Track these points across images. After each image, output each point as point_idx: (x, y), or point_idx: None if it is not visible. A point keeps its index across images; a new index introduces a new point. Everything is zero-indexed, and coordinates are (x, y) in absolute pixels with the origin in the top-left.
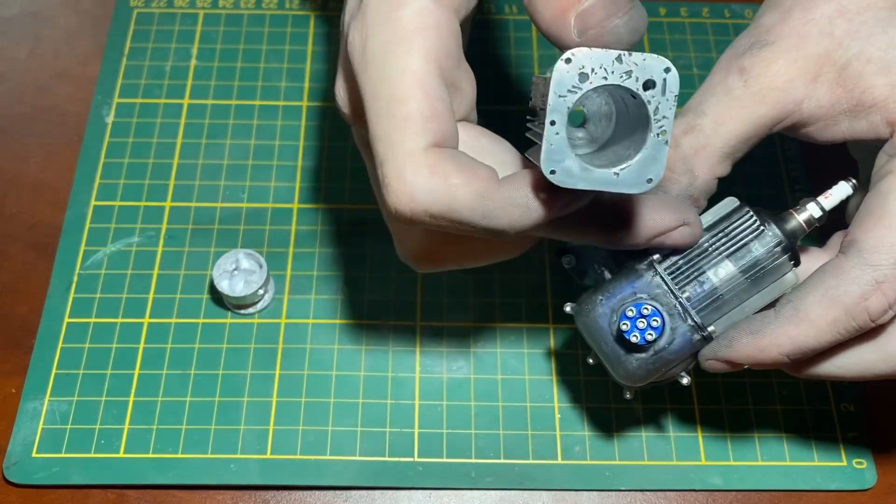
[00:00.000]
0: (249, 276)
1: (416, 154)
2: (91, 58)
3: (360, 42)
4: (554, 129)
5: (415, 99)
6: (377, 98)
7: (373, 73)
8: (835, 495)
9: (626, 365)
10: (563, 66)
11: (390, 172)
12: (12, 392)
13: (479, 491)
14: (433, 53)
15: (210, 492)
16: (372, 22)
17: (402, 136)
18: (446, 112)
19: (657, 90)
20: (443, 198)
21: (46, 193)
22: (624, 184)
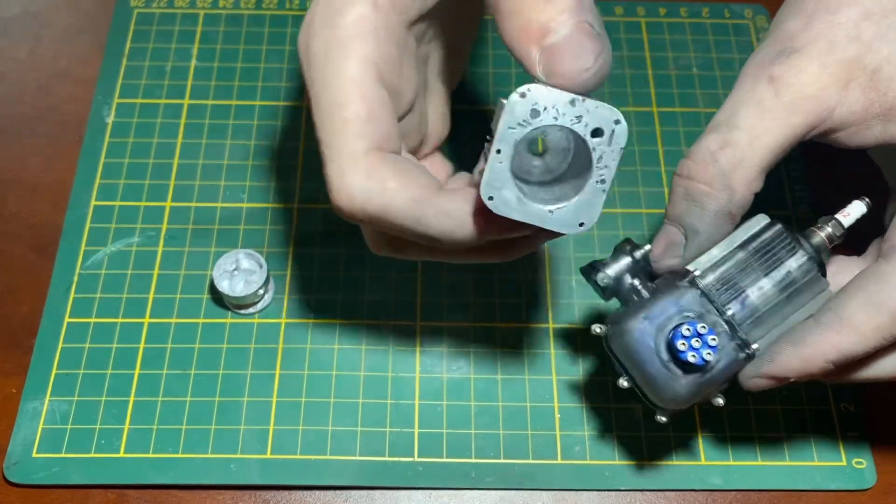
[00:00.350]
0: (249, 276)
1: (356, 157)
2: (91, 58)
3: (304, 46)
4: (498, 158)
5: (353, 102)
6: (319, 101)
7: (314, 76)
8: (834, 495)
9: (676, 387)
10: (517, 99)
11: (332, 172)
12: (12, 392)
13: (479, 491)
14: (371, 58)
15: (210, 492)
16: (315, 27)
17: (342, 140)
18: (385, 115)
19: (604, 139)
20: (378, 200)
21: (47, 193)
22: (556, 223)
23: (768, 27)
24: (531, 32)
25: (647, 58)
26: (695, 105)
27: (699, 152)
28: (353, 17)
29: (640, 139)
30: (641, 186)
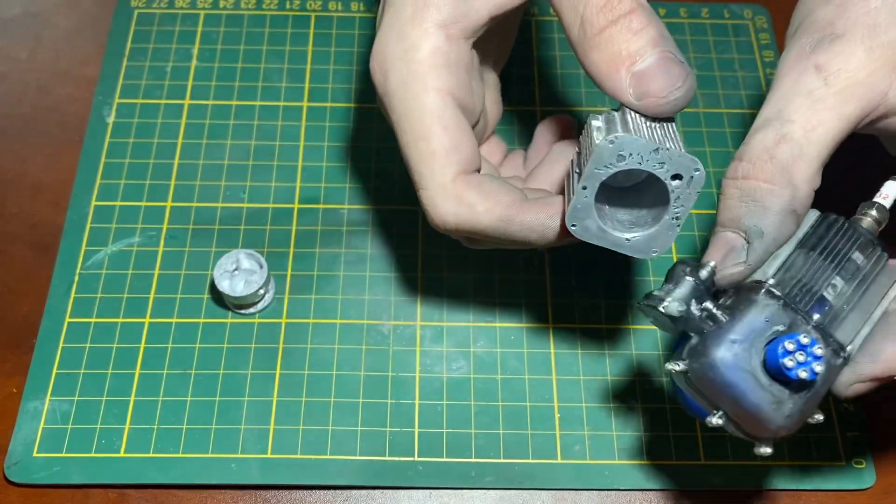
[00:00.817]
0: (250, 276)
1: (445, 185)
2: (92, 58)
3: (382, 76)
4: (584, 193)
5: (436, 135)
6: (404, 132)
7: (396, 107)
8: (834, 495)
9: (785, 411)
10: (605, 145)
11: (425, 199)
12: (13, 392)
13: (479, 490)
14: (446, 88)
15: (211, 491)
16: (390, 59)
17: (430, 169)
18: (466, 139)
19: (683, 182)
20: (469, 221)
21: (47, 193)
22: (632, 249)
23: (768, 27)
24: (621, 61)
25: None
26: (695, 105)
27: (753, 150)
28: (427, 50)
29: None
30: None
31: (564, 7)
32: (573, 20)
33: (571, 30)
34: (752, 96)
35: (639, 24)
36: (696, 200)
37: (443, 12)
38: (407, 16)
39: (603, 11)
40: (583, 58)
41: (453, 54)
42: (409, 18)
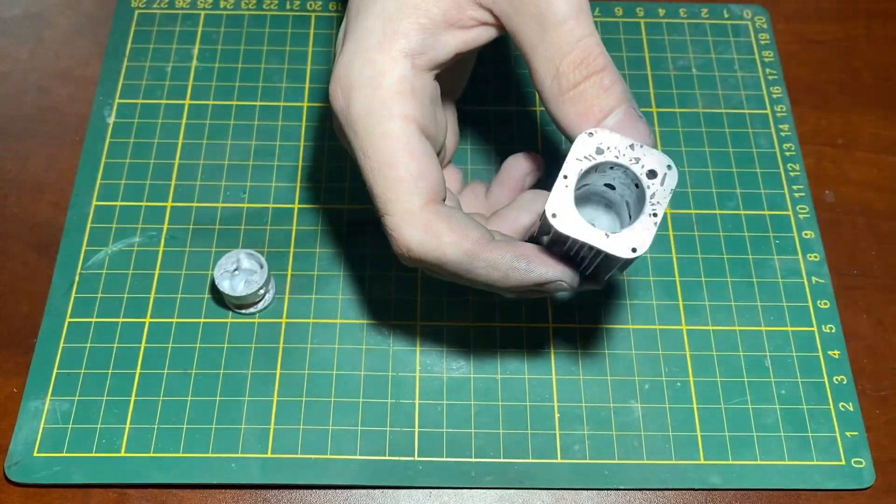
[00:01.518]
0: (250, 275)
1: (412, 213)
2: (92, 58)
3: (344, 101)
4: (564, 182)
5: (402, 162)
6: (367, 157)
7: (359, 132)
8: (833, 494)
9: None
10: (585, 138)
11: (390, 225)
12: (14, 391)
13: (478, 490)
14: (412, 116)
15: (211, 491)
16: (356, 84)
17: (396, 196)
18: (432, 168)
19: (657, 180)
20: (433, 252)
21: (48, 193)
22: (611, 245)
23: (767, 27)
24: (590, 116)
25: (646, 58)
26: (694, 105)
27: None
28: (394, 77)
29: None
30: None
31: (539, 59)
32: (547, 72)
33: (545, 81)
34: (752, 96)
35: (609, 81)
36: (671, 199)
37: (411, 42)
38: (374, 42)
39: (579, 67)
40: (555, 109)
41: (418, 83)
42: (376, 44)
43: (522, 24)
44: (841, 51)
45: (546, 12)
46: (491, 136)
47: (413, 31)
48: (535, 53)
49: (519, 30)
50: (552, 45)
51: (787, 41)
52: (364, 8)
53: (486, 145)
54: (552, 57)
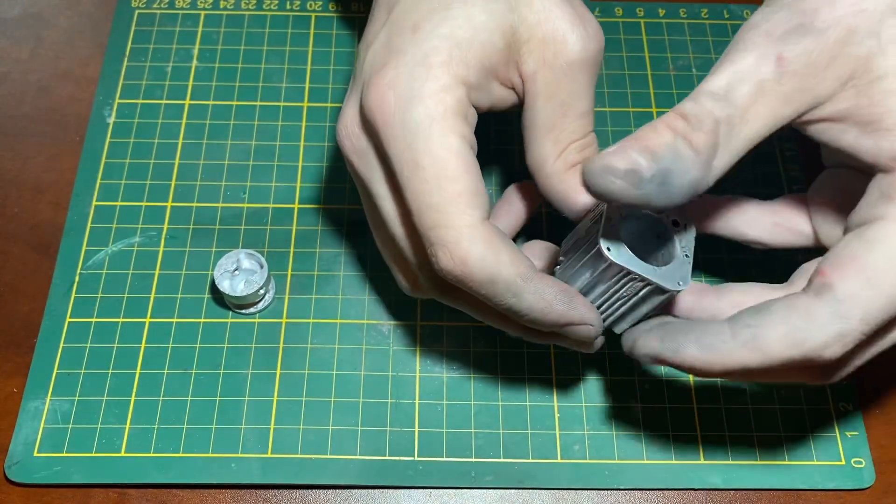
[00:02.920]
0: (250, 275)
1: (474, 226)
2: (92, 58)
3: (397, 108)
4: (611, 223)
5: (464, 178)
6: (422, 168)
7: (413, 142)
8: (833, 494)
9: None
10: None
11: (448, 238)
12: (14, 391)
13: (478, 490)
14: (467, 138)
15: (211, 491)
16: (416, 94)
17: (458, 209)
18: (484, 188)
19: (681, 227)
20: (490, 268)
21: (48, 193)
22: (661, 278)
23: None
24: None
25: (646, 58)
26: None
27: (697, 112)
28: (455, 98)
29: None
30: None
31: (551, 139)
32: (555, 150)
33: (548, 158)
34: None
35: None
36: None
37: (472, 75)
38: (440, 60)
39: (583, 150)
40: (558, 181)
41: (470, 113)
42: (442, 63)
43: (548, 107)
44: None
45: (575, 104)
46: (493, 166)
47: (476, 66)
48: (551, 132)
49: (542, 108)
50: (568, 129)
51: None
52: (427, 26)
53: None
54: (565, 139)
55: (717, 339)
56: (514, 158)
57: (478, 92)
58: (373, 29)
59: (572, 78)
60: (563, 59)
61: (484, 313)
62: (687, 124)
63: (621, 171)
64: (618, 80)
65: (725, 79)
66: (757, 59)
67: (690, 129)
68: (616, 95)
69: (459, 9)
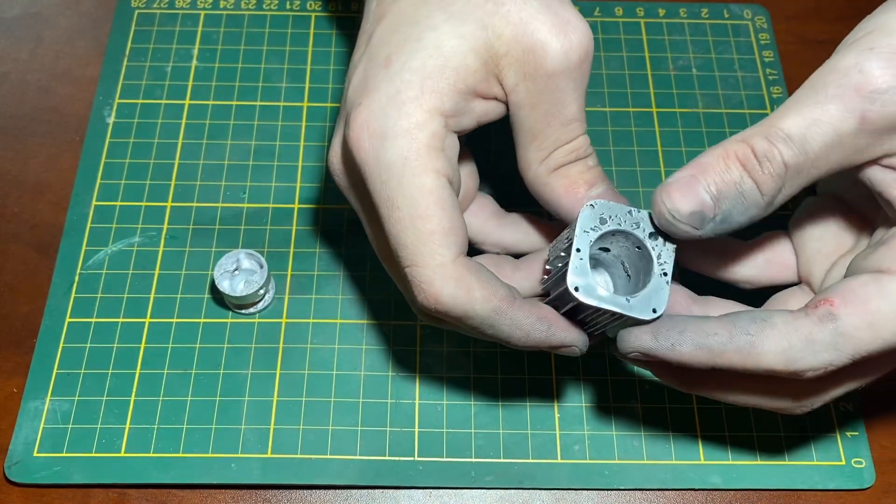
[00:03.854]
0: (250, 276)
1: (445, 266)
2: (92, 58)
3: (372, 148)
4: (578, 255)
5: (436, 216)
6: (396, 207)
7: (390, 181)
8: (833, 494)
9: None
10: (588, 210)
11: (420, 277)
12: (14, 391)
13: (479, 490)
14: (444, 171)
15: (211, 491)
16: (389, 133)
17: (429, 249)
18: (460, 222)
19: (659, 241)
20: (463, 306)
21: (48, 193)
22: (633, 309)
23: (767, 27)
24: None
25: (646, 58)
26: (694, 105)
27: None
28: (430, 131)
29: (640, 139)
30: (641, 187)
31: (536, 146)
32: (539, 156)
33: (533, 163)
34: (752, 96)
35: (592, 162)
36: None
37: (447, 103)
38: (411, 95)
39: (569, 154)
40: (542, 186)
41: (449, 142)
42: (413, 99)
43: (532, 115)
44: None
45: (559, 112)
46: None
47: (449, 94)
48: (535, 140)
49: (525, 117)
50: (552, 136)
51: (788, 41)
52: (398, 60)
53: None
54: (549, 146)
55: (714, 339)
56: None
57: (457, 118)
58: (355, 57)
59: (554, 88)
60: (544, 70)
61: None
62: (757, 163)
63: (686, 213)
64: (618, 80)
65: (804, 124)
66: (841, 113)
67: (760, 170)
68: (616, 95)
69: (429, 38)
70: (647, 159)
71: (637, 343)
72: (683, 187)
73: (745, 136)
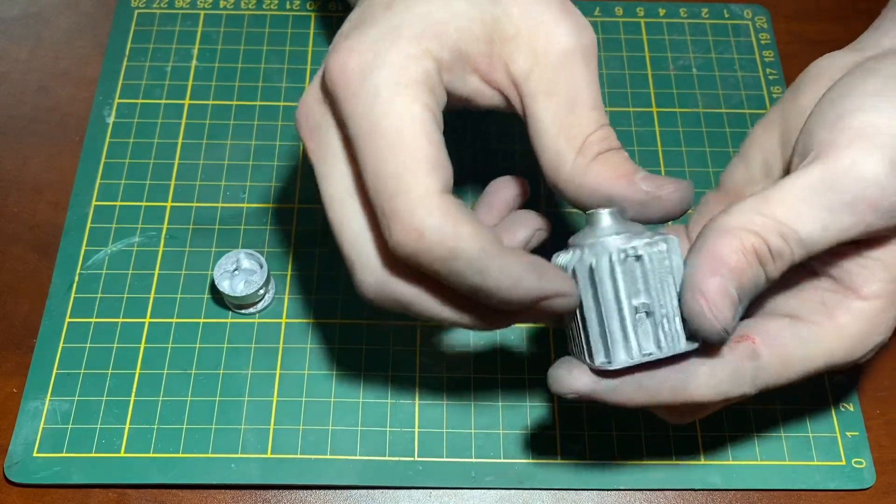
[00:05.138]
0: (250, 275)
1: (431, 196)
2: (92, 58)
3: (360, 70)
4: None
5: (424, 148)
6: (380, 134)
7: (373, 107)
8: (834, 495)
9: None
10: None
11: (402, 206)
12: (13, 392)
13: (479, 490)
14: (433, 111)
15: (211, 491)
16: (381, 62)
17: (414, 177)
18: (448, 163)
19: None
20: (449, 242)
21: (47, 193)
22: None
23: (768, 27)
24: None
25: (646, 58)
26: (694, 105)
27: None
28: (422, 70)
29: (640, 139)
30: None
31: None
32: (571, 146)
33: (567, 154)
34: (752, 96)
35: (625, 154)
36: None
37: (445, 52)
38: (411, 34)
39: (602, 142)
40: (582, 176)
41: (438, 91)
42: (412, 37)
43: (550, 106)
44: None
45: (579, 98)
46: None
47: (449, 47)
48: (562, 130)
49: (544, 109)
50: (579, 124)
51: (788, 41)
52: (402, 4)
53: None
54: (578, 134)
55: (651, 381)
56: (515, 159)
57: (450, 74)
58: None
59: (570, 70)
60: (556, 50)
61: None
62: (771, 259)
63: (730, 319)
64: (618, 79)
65: (816, 229)
66: (853, 224)
67: (773, 265)
68: (616, 95)
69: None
70: (648, 159)
71: (577, 385)
72: (722, 296)
73: (759, 228)
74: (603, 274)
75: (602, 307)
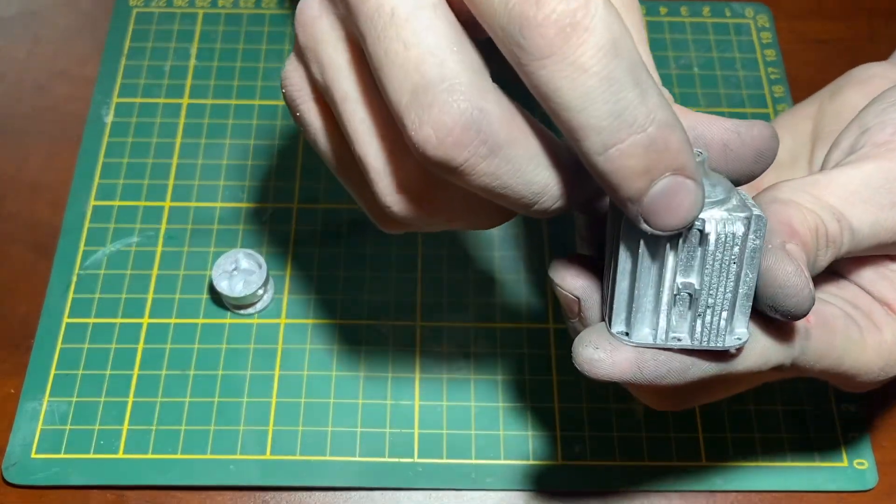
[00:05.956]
0: (249, 276)
1: (480, 70)
2: (90, 57)
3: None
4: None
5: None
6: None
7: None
8: (836, 496)
9: None
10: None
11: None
12: (11, 392)
13: (479, 492)
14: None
15: (210, 492)
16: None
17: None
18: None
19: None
20: (507, 114)
21: (45, 193)
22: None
23: (769, 26)
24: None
25: None
26: (696, 104)
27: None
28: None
29: None
30: None
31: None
32: None
33: None
34: (754, 95)
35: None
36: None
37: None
38: None
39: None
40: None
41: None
42: None
43: None
44: (843, 50)
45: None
46: None
47: None
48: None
49: None
50: None
51: (790, 40)
52: None
53: None
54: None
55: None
56: None
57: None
58: None
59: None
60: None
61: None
62: (825, 243)
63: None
64: None
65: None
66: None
67: (825, 250)
68: None
69: None
70: None
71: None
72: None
73: (819, 210)
74: (656, 238)
75: (639, 270)
